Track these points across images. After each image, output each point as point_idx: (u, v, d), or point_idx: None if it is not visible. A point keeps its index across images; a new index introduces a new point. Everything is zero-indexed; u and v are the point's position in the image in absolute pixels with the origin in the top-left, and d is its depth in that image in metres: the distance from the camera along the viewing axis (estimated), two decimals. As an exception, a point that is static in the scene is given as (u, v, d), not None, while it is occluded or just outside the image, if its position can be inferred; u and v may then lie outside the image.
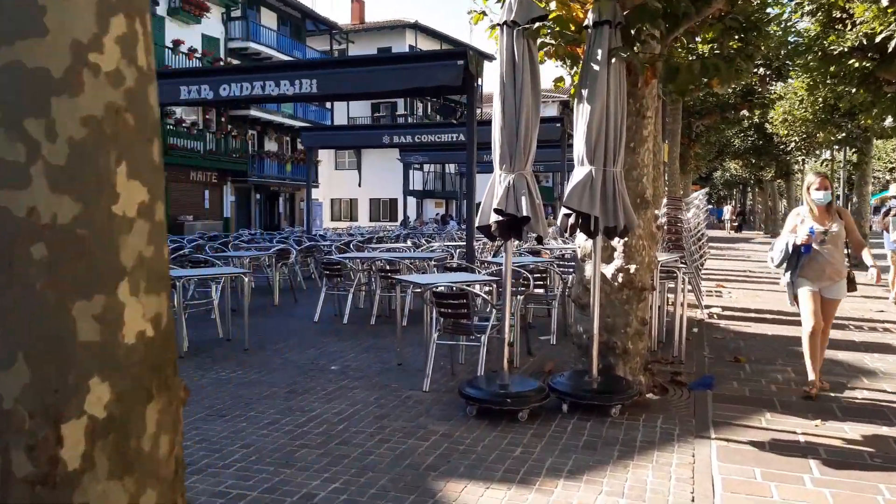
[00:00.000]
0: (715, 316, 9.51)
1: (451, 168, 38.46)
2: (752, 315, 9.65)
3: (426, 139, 16.77)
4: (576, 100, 5.15)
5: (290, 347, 7.44)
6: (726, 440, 4.53)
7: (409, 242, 14.34)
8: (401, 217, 35.26)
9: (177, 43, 24.46)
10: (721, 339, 7.88)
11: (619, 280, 5.42)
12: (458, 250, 12.40)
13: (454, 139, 16.57)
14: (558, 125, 14.95)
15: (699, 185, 34.38)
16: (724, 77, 5.85)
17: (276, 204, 33.60)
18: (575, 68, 5.84)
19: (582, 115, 4.98)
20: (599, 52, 4.87)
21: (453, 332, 5.68)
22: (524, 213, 4.70)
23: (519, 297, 6.34)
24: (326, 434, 4.57)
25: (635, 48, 5.08)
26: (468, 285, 5.87)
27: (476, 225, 4.99)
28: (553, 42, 5.21)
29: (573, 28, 5.34)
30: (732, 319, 9.24)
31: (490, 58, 30.83)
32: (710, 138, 25.51)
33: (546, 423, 4.76)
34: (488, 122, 15.89)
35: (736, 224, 44.38)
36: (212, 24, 26.87)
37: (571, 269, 8.71)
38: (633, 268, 5.43)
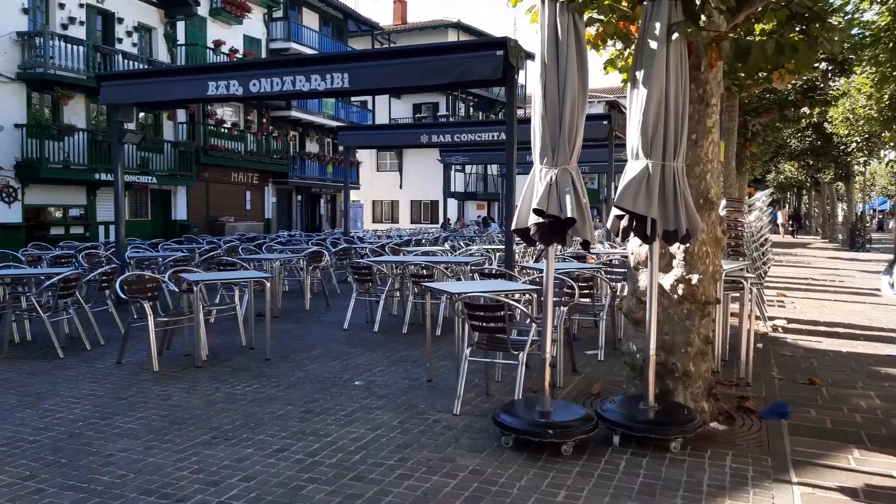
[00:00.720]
0: (780, 329, 8.64)
1: (493, 169, 37.78)
2: (823, 329, 8.74)
3: (465, 138, 16.18)
4: (629, 85, 4.48)
5: (313, 358, 6.92)
6: (811, 485, 3.79)
7: (446, 245, 13.75)
8: (441, 219, 34.78)
9: (218, 44, 24.42)
10: (790, 357, 7.05)
11: (680, 292, 4.72)
12: (497, 254, 11.76)
13: (494, 137, 15.94)
14: (605, 122, 14.18)
15: (753, 188, 32.94)
16: (801, 60, 5.05)
17: (317, 205, 33.44)
18: (628, 50, 5.16)
19: (636, 102, 4.31)
20: (657, 27, 4.19)
21: (487, 347, 5.05)
22: (568, 214, 4.05)
23: (563, 308, 5.68)
24: (340, 465, 4.00)
25: (700, 23, 4.38)
26: (505, 295, 5.24)
27: (513, 227, 4.36)
28: (603, 18, 4.55)
29: (626, 2, 4.67)
30: (800, 334, 8.36)
31: (531, 56, 30.14)
32: (767, 137, 24.28)
33: (594, 459, 4.09)
34: (529, 121, 15.31)
35: (792, 228, 42.62)
36: (253, 24, 26.80)
37: (621, 276, 8.00)
38: (695, 278, 4.72)
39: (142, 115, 21.87)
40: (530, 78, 46.84)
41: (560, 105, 4.15)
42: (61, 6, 18.57)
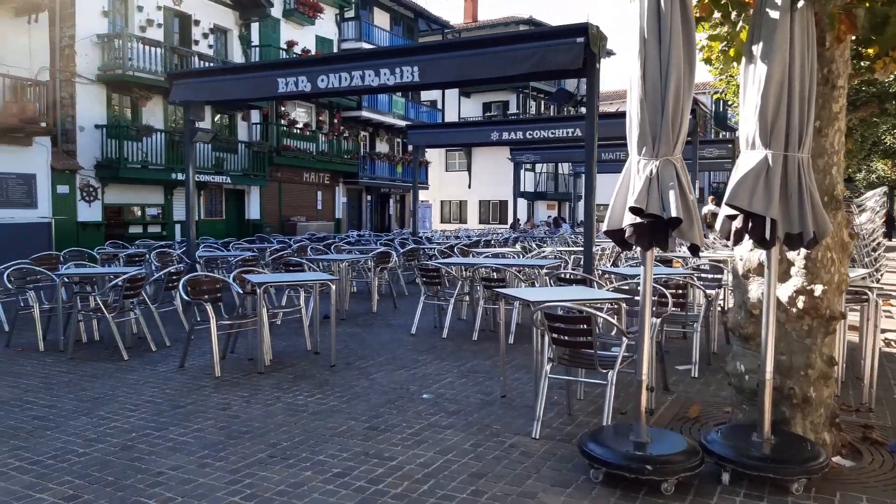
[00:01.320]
0: (893, 344, 7.70)
1: (563, 168, 36.86)
2: (946, 344, 7.73)
3: (537, 135, 15.56)
4: (743, 62, 3.84)
5: (379, 366, 6.52)
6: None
7: (517, 247, 13.18)
8: (510, 219, 34.12)
9: (290, 44, 24.61)
10: (915, 378, 6.18)
11: (800, 305, 4.04)
12: (572, 257, 11.13)
13: (568, 134, 15.27)
14: (690, 117, 13.28)
15: (845, 188, 30.79)
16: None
17: (386, 205, 33.41)
18: (741, 22, 4.50)
19: (753, 82, 3.68)
20: (780, -6, 3.56)
21: (569, 363, 4.50)
22: (673, 213, 3.47)
23: (656, 319, 5.06)
24: (406, 497, 3.54)
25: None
26: (590, 304, 4.68)
27: (604, 229, 3.80)
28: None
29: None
30: (921, 349, 7.41)
31: (611, 53, 29.06)
32: (865, 133, 22.58)
33: (701, 500, 3.49)
34: (608, 116, 14.60)
35: (884, 231, 39.79)
36: (325, 24, 26.92)
37: (715, 283, 7.28)
38: (818, 289, 4.03)
39: (217, 116, 22.24)
40: (608, 72, 45.58)
41: (663, 86, 3.56)
42: (140, 9, 19.01)
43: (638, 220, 3.58)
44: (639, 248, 3.76)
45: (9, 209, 15.35)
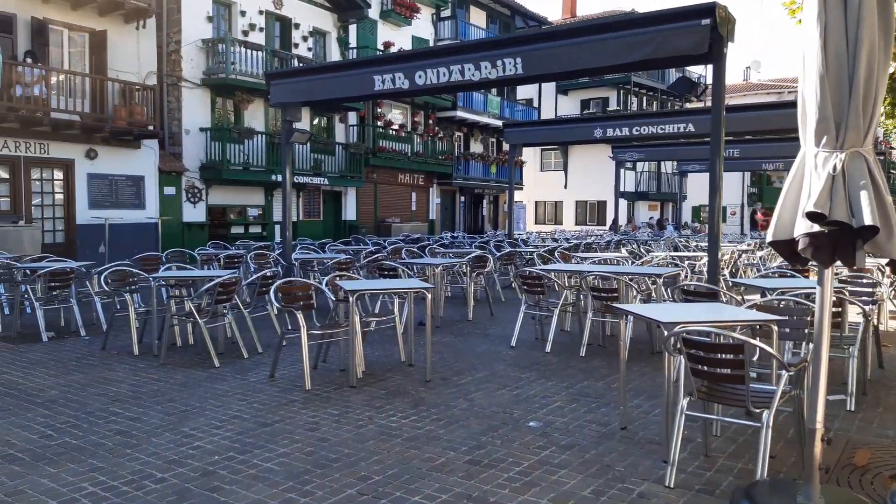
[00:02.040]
0: None
1: (666, 167, 35.13)
2: None
3: (645, 131, 14.54)
4: None
5: (478, 383, 5.96)
6: None
7: (623, 251, 12.28)
8: (609, 220, 32.80)
9: (387, 45, 24.55)
10: None
11: None
12: (686, 263, 10.19)
13: (679, 130, 14.18)
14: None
15: None
16: None
17: (479, 206, 32.93)
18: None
19: None
20: None
21: (710, 397, 3.77)
22: (867, 221, 2.70)
23: (808, 345, 4.23)
24: (517, 558, 2.95)
25: None
26: (739, 329, 3.91)
27: (769, 239, 3.06)
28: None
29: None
30: None
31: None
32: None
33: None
34: (730, 110, 13.34)
35: None
36: (422, 24, 26.73)
37: (869, 298, 6.26)
38: None
39: (315, 119, 22.45)
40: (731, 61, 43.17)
41: (851, 58, 2.80)
42: (243, 13, 19.38)
43: (816, 228, 2.83)
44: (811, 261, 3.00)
45: (119, 210, 15.93)
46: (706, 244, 16.73)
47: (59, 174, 15.01)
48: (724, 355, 3.53)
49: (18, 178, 14.12)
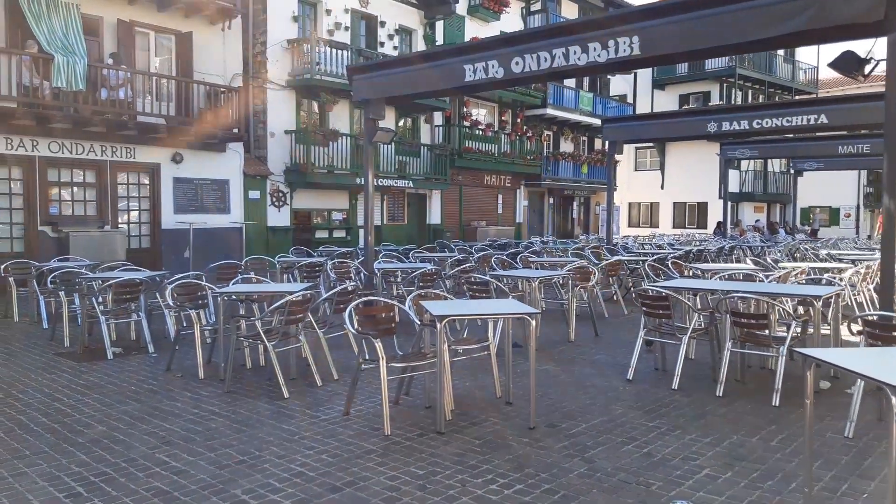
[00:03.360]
0: None
1: (774, 165, 32.40)
2: None
3: (768, 124, 12.86)
4: None
5: (594, 433, 4.81)
6: None
7: (748, 261, 10.72)
8: (710, 224, 30.48)
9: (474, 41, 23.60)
10: None
11: None
12: (825, 275, 8.62)
13: (808, 122, 12.44)
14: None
15: None
16: None
17: (569, 208, 31.44)
18: None
19: None
20: None
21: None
22: None
23: None
24: None
25: None
26: None
27: None
28: None
29: None
30: None
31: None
32: None
33: None
34: (859, 100, 11.54)
35: None
36: (511, 19, 25.62)
37: None
38: None
39: (401, 120, 21.75)
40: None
41: None
42: (328, 12, 18.89)
43: None
44: None
45: (204, 214, 15.67)
46: (835, 250, 14.79)
47: (145, 178, 14.87)
48: None
49: (104, 183, 14.01)
